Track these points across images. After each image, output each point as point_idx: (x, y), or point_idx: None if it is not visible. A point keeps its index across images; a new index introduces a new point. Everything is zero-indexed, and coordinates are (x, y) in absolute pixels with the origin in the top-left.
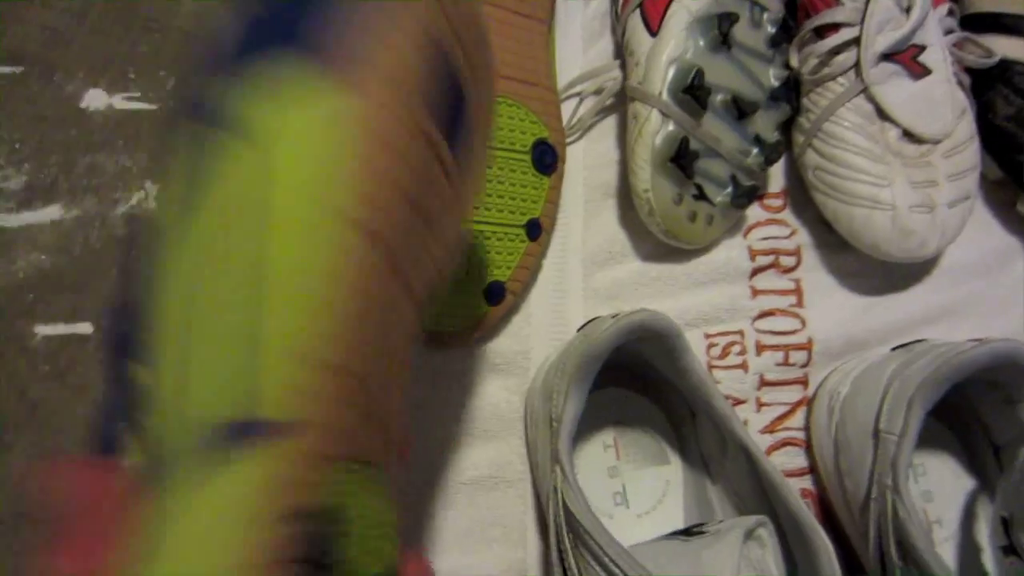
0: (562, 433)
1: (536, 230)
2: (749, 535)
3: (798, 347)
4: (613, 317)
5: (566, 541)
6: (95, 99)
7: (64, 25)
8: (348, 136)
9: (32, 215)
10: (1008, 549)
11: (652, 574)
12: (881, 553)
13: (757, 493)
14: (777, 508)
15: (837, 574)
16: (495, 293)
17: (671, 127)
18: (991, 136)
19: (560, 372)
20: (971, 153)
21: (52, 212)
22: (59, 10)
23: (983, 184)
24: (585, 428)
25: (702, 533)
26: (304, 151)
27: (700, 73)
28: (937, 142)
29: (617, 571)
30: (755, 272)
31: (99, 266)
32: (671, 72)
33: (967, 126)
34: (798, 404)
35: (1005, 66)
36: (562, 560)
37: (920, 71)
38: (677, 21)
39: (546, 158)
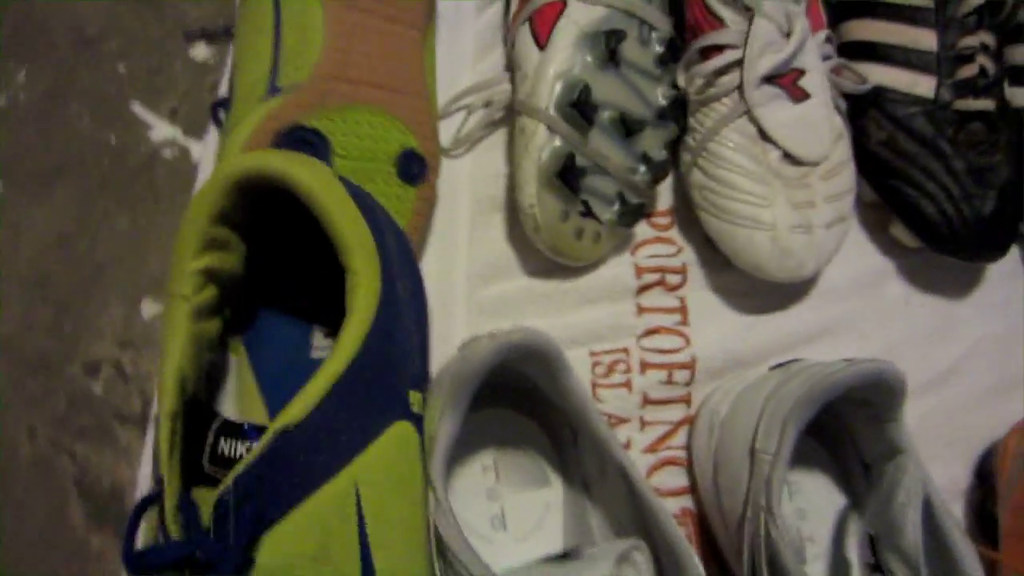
0: (435, 455)
1: None
2: (623, 559)
3: (682, 366)
4: (490, 336)
5: (436, 568)
6: None
7: None
8: None
9: None
10: (874, 567)
11: None
12: (754, 571)
13: (635, 517)
14: (653, 533)
15: None
16: None
17: (557, 142)
18: (866, 160)
19: (435, 393)
20: (847, 176)
21: None
22: None
23: (858, 206)
24: (464, 450)
25: (577, 558)
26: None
27: (587, 89)
28: (815, 164)
29: None
30: (641, 290)
31: None
32: (558, 87)
33: (844, 149)
34: (680, 423)
35: (878, 92)
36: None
37: (800, 95)
38: (565, 36)
39: (412, 168)
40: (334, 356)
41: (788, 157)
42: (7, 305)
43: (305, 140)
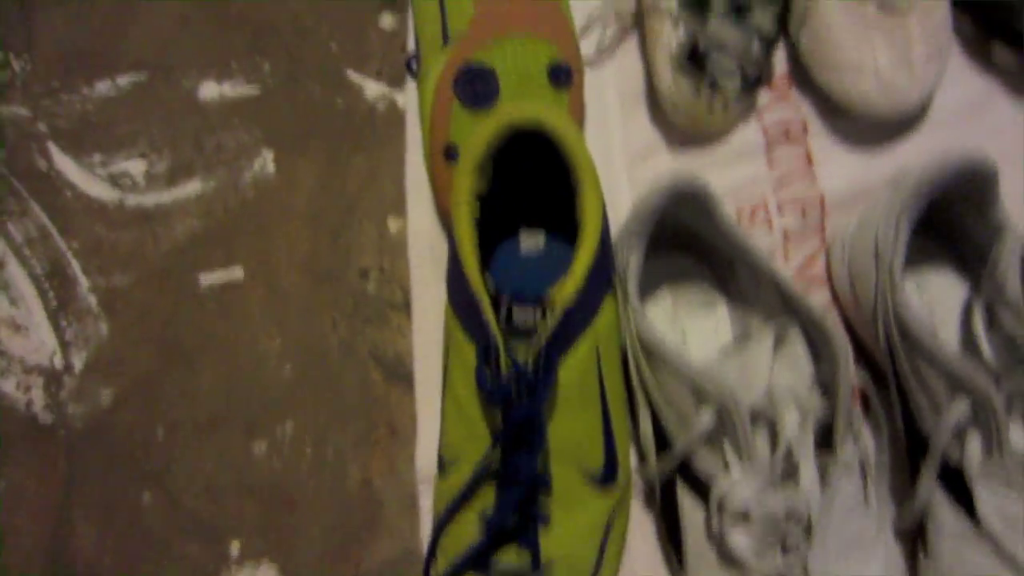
0: (630, 282)
1: None
2: (780, 337)
3: (813, 202)
4: (655, 185)
5: (642, 362)
6: (208, 90)
7: (171, 32)
8: None
9: (180, 190)
10: (991, 326)
11: (698, 366)
12: (889, 345)
13: (787, 311)
14: (803, 319)
15: (849, 353)
16: None
17: (682, 33)
18: None
19: (622, 233)
20: (941, 10)
21: (194, 186)
22: (164, 19)
23: (959, 40)
24: (648, 290)
25: (745, 340)
26: None
27: None
28: (909, 8)
29: (682, 369)
30: (770, 146)
31: (239, 223)
32: None
33: None
34: (818, 251)
35: None
36: (640, 377)
37: None
38: None
39: (560, 75)
40: (581, 254)
41: (883, 7)
42: (298, 238)
43: (477, 73)
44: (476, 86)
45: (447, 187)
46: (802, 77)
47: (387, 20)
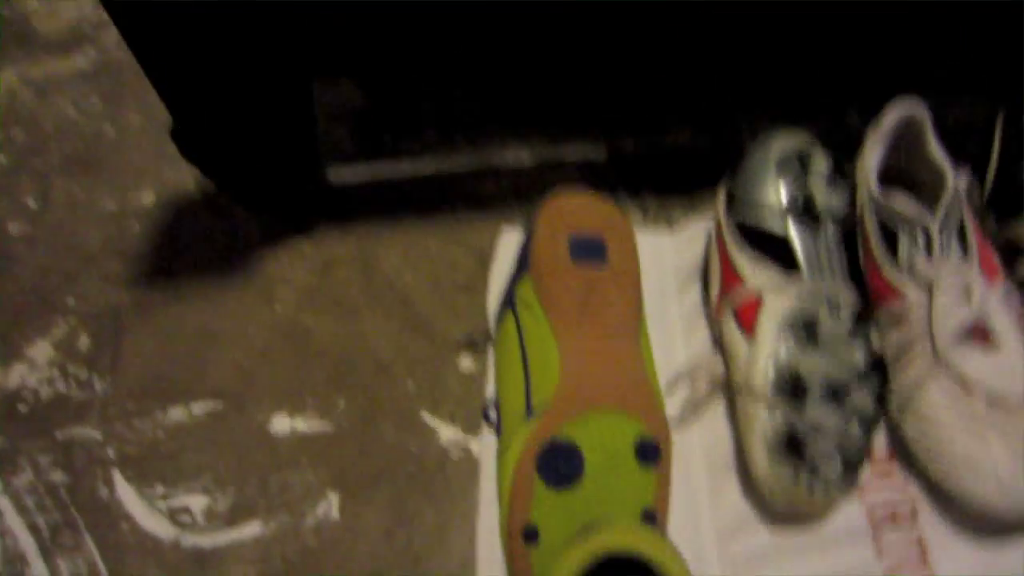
0: None
1: (650, 519)
2: None
3: None
4: None
5: None
6: (280, 424)
7: (251, 362)
8: None
9: (239, 532)
10: None
11: None
12: None
13: None
14: None
15: None
16: None
17: (779, 420)
18: None
19: None
20: None
21: (254, 529)
22: (246, 349)
23: None
24: None
25: None
26: None
27: (795, 369)
28: (1022, 404)
29: None
30: (876, 531)
31: (296, 574)
32: (770, 373)
33: None
34: None
35: None
36: None
37: (992, 345)
38: (768, 327)
39: (648, 452)
40: None
41: (992, 403)
42: None
43: (561, 451)
44: (560, 464)
45: (524, 573)
46: (906, 456)
47: (466, 362)
